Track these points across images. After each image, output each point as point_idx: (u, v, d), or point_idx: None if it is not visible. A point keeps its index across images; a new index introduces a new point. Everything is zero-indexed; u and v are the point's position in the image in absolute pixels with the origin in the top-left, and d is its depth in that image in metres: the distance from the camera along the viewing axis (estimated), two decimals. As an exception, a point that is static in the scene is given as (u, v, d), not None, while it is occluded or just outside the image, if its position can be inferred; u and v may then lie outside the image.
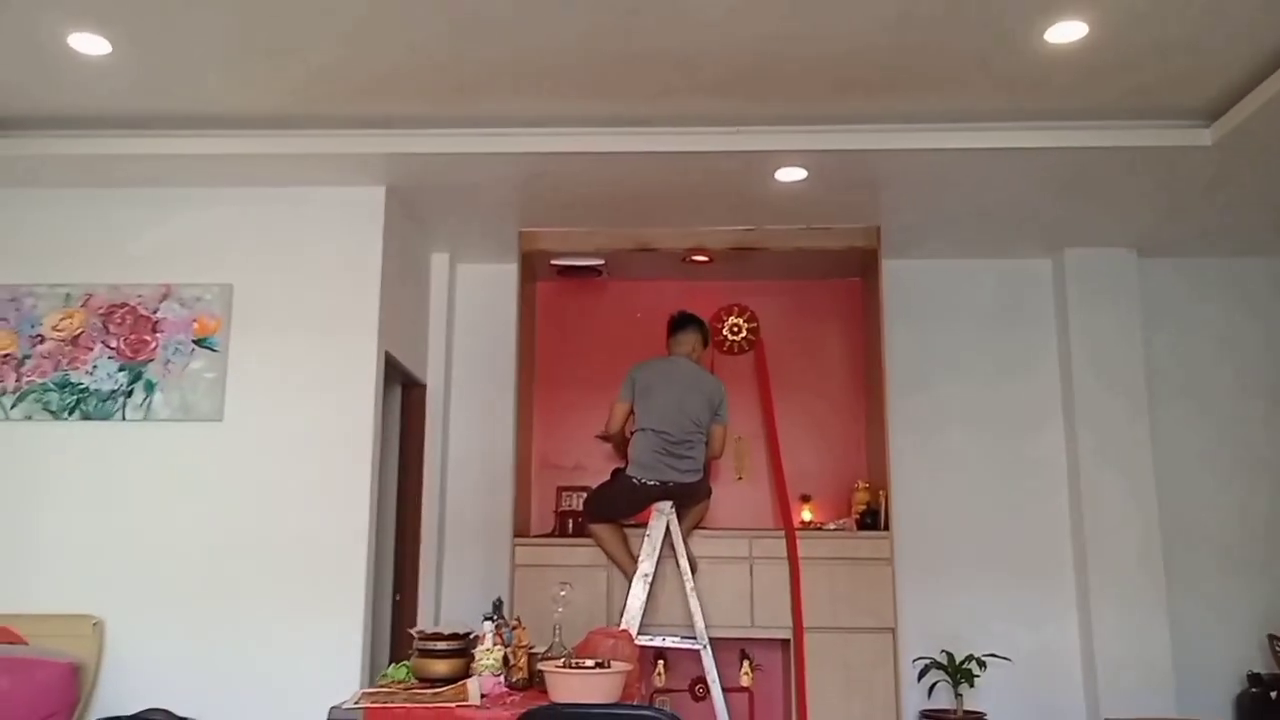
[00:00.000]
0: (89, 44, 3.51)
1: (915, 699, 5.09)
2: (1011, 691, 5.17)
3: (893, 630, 4.73)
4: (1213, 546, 5.39)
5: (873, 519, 5.02)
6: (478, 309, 5.69)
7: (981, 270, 5.68)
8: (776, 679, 5.16)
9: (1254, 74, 3.72)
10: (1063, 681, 5.24)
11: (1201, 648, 5.26)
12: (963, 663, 4.97)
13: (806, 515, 5.35)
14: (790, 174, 4.48)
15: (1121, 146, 4.17)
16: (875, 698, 4.67)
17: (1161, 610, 5.10)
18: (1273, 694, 4.97)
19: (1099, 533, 5.20)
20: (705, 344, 5.03)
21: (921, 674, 5.06)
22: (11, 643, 4.02)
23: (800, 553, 4.80)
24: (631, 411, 4.78)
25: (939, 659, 5.05)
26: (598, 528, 4.77)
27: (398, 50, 3.59)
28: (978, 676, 4.95)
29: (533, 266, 5.44)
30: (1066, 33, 3.43)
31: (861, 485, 5.20)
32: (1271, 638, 5.12)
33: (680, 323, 4.97)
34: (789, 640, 4.79)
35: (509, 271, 5.34)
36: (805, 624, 4.73)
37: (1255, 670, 5.14)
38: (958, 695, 4.96)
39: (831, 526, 5.10)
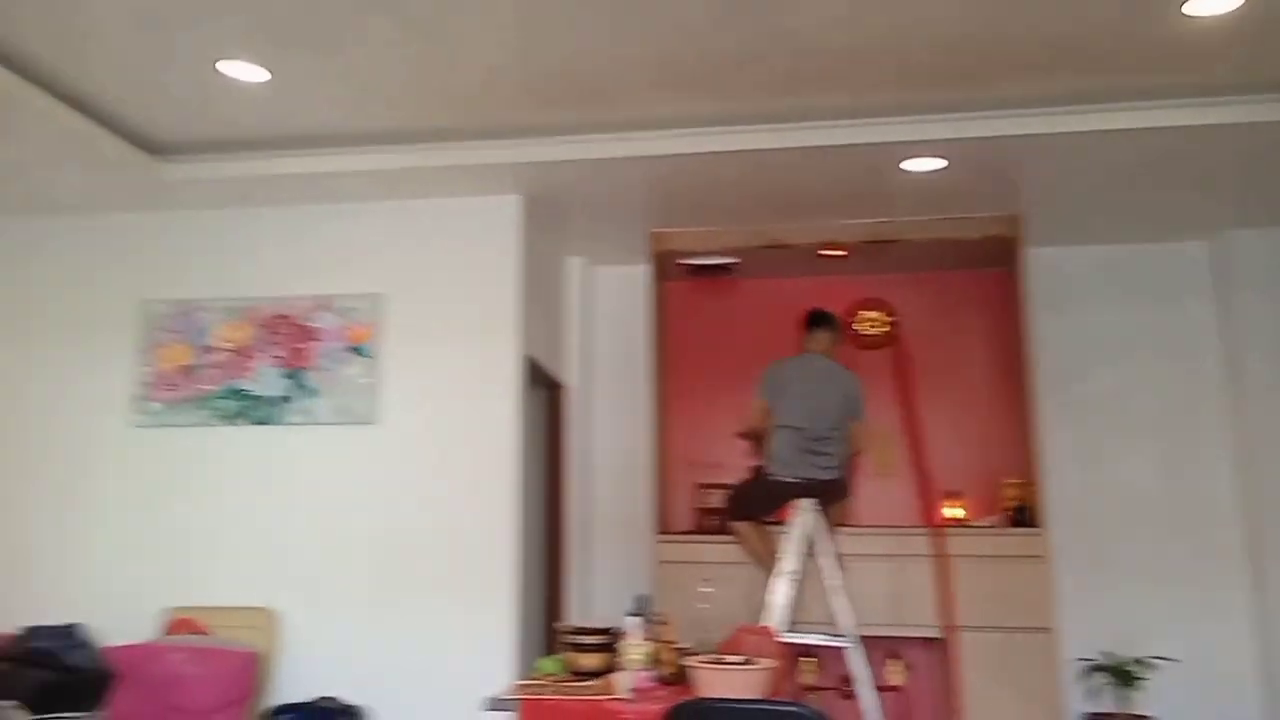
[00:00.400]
0: (248, 72, 3.73)
1: (1077, 701, 4.89)
2: (1181, 695, 4.91)
3: (1051, 630, 4.56)
4: (1405, 541, 4.99)
5: (1024, 515, 4.85)
6: (613, 310, 5.78)
7: (1132, 255, 5.44)
8: (927, 678, 5.04)
9: None
10: (1237, 685, 4.95)
11: (1396, 651, 4.88)
12: (1128, 664, 4.75)
13: (955, 512, 5.21)
14: (925, 164, 4.38)
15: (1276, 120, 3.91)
16: (1034, 699, 4.51)
17: (1348, 610, 4.76)
18: None
19: (1275, 524, 4.88)
20: (839, 340, 4.97)
21: (1083, 676, 4.86)
22: (196, 633, 4.31)
23: (949, 550, 4.68)
24: (769, 410, 4.76)
25: (1102, 660, 4.84)
26: (739, 525, 4.77)
27: (528, 59, 3.67)
28: (1144, 679, 4.73)
29: (665, 267, 5.48)
30: (1214, 4, 3.25)
31: (1011, 480, 5.04)
32: None
33: (814, 320, 4.93)
34: (939, 639, 4.68)
35: (642, 273, 5.40)
36: (958, 623, 4.61)
37: None
38: (1123, 698, 4.74)
39: (981, 523, 4.95)
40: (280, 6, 3.28)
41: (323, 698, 4.26)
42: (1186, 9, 3.28)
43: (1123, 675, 4.73)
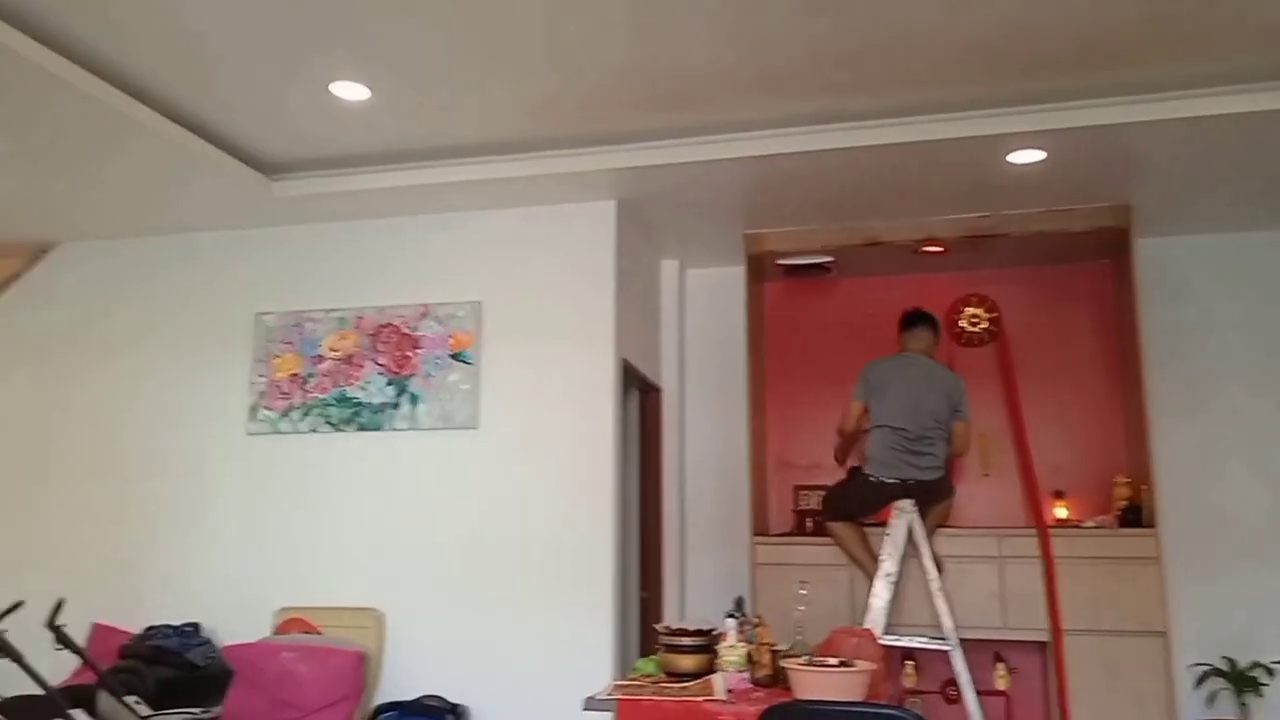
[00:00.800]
0: (350, 91, 3.88)
1: (1193, 708, 4.72)
2: (1308, 704, 4.68)
3: (1164, 634, 4.41)
4: None
5: (1135, 515, 4.70)
6: (708, 312, 5.80)
7: (1249, 243, 5.20)
8: (1034, 682, 4.92)
9: None
10: (1371, 695, 4.69)
11: None
12: (1247, 669, 4.56)
13: (1062, 512, 5.08)
14: (1026, 156, 4.28)
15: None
16: (1146, 705, 4.37)
17: None
18: None
19: None
20: (938, 339, 4.89)
21: (1199, 681, 4.69)
22: (307, 632, 4.50)
23: (1055, 551, 4.57)
24: (866, 410, 4.72)
25: (1219, 665, 4.65)
26: (836, 526, 4.75)
27: (617, 65, 3.71)
28: (1265, 685, 4.53)
29: (760, 268, 5.47)
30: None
31: (1121, 480, 4.89)
32: None
33: (912, 320, 4.87)
34: (1046, 643, 4.57)
35: (737, 274, 5.41)
36: (1064, 626, 4.49)
37: None
38: (1243, 704, 4.55)
39: (1090, 524, 4.81)
40: (384, 29, 3.41)
41: (427, 696, 4.39)
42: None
43: (1242, 681, 4.54)
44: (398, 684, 4.51)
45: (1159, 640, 4.41)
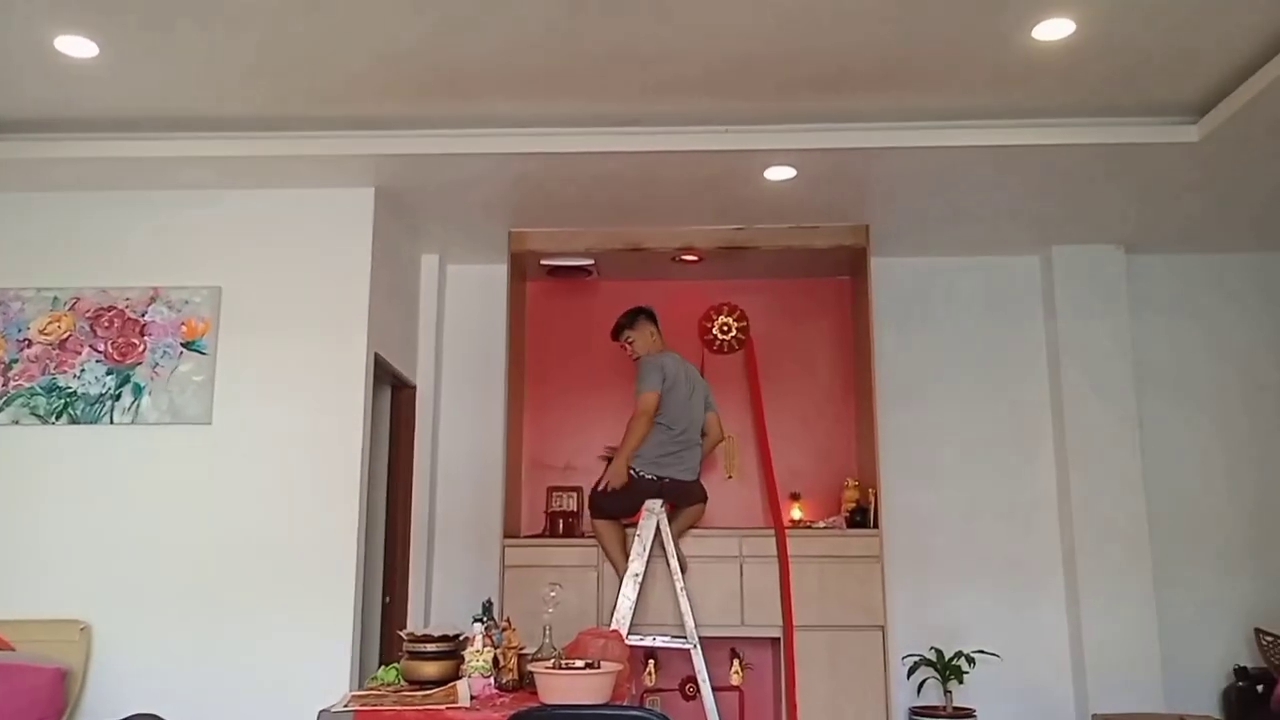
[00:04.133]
0: (76, 46, 3.50)
1: (905, 696, 5.12)
2: (1001, 688, 5.19)
3: (882, 628, 4.74)
4: (1200, 541, 5.42)
5: (862, 517, 5.03)
6: (468, 310, 5.69)
7: (970, 267, 5.70)
8: (767, 678, 5.17)
9: (1240, 70, 3.73)
10: (1052, 677, 5.26)
11: (1189, 642, 5.29)
12: (952, 659, 4.99)
13: (796, 514, 5.36)
14: (779, 173, 4.48)
15: (1109, 143, 4.18)
16: (865, 695, 4.68)
17: (1150, 605, 5.13)
18: (1259, 687, 5.00)
19: (1087, 528, 5.22)
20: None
21: (911, 671, 5.08)
22: (-1, 648, 4.02)
23: (790, 551, 4.81)
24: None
25: (928, 656, 5.06)
26: (600, 524, 4.77)
27: (385, 50, 3.58)
28: (967, 673, 4.98)
29: (523, 267, 5.43)
30: (1054, 30, 3.44)
31: (851, 483, 5.21)
32: (1258, 631, 5.15)
33: (649, 315, 4.93)
34: (779, 639, 4.80)
35: (499, 272, 5.34)
36: (795, 622, 4.74)
37: (1242, 664, 5.17)
38: (947, 692, 4.98)
39: (821, 525, 5.10)
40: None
41: (137, 716, 4.00)
42: (1036, 33, 3.46)
43: (947, 670, 4.96)
44: (106, 703, 4.11)
45: (878, 634, 4.74)
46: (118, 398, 4.38)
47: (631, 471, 4.64)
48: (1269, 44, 3.54)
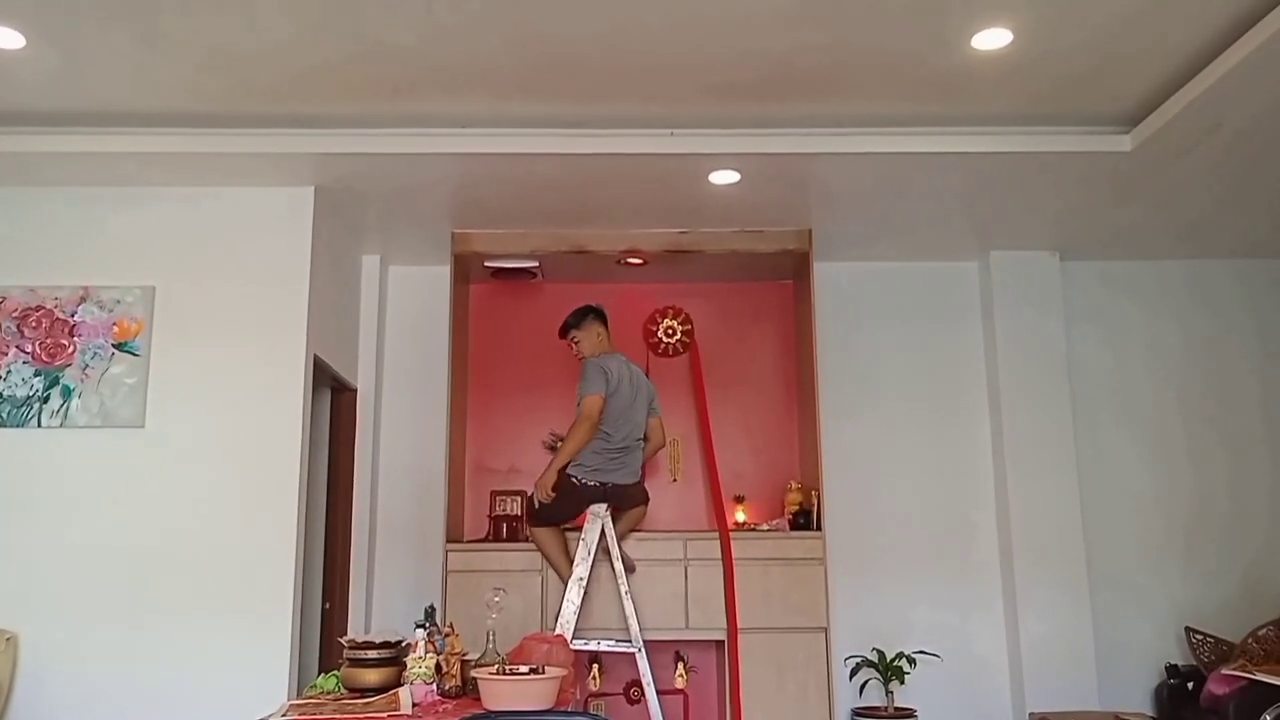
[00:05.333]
0: (1, 37, 3.38)
1: (847, 697, 5.16)
2: (941, 687, 5.26)
3: (825, 630, 4.78)
4: (1133, 542, 5.55)
5: (805, 519, 5.06)
6: (410, 311, 5.62)
7: (910, 272, 5.77)
8: (711, 680, 5.18)
9: (1172, 81, 3.83)
10: (990, 677, 5.34)
11: (1122, 641, 5.41)
12: (893, 660, 5.04)
13: (740, 516, 5.38)
14: (724, 177, 4.50)
15: (1045, 151, 4.27)
16: (808, 697, 4.71)
17: (1084, 605, 5.24)
18: (1190, 684, 5.13)
19: (1024, 530, 5.32)
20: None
21: (854, 672, 5.12)
22: (-82, 660, 3.87)
23: (734, 554, 4.83)
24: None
25: (870, 657, 5.11)
26: (539, 531, 4.73)
27: (326, 48, 3.52)
28: (908, 673, 5.03)
29: (466, 268, 5.39)
30: (992, 40, 3.50)
31: (794, 486, 5.25)
32: (1189, 630, 5.29)
33: (598, 314, 4.86)
34: (723, 641, 4.81)
35: (442, 273, 5.29)
36: (740, 625, 4.75)
37: (1173, 662, 5.30)
38: (889, 692, 5.03)
39: (765, 527, 5.13)
40: (38, -31, 3.01)
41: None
42: (974, 42, 3.51)
43: (889, 671, 5.02)
44: (33, 715, 3.99)
45: (821, 635, 4.78)
46: (46, 400, 4.25)
47: (572, 479, 4.60)
48: (1199, 56, 3.64)
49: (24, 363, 4.28)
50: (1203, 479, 5.63)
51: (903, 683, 5.02)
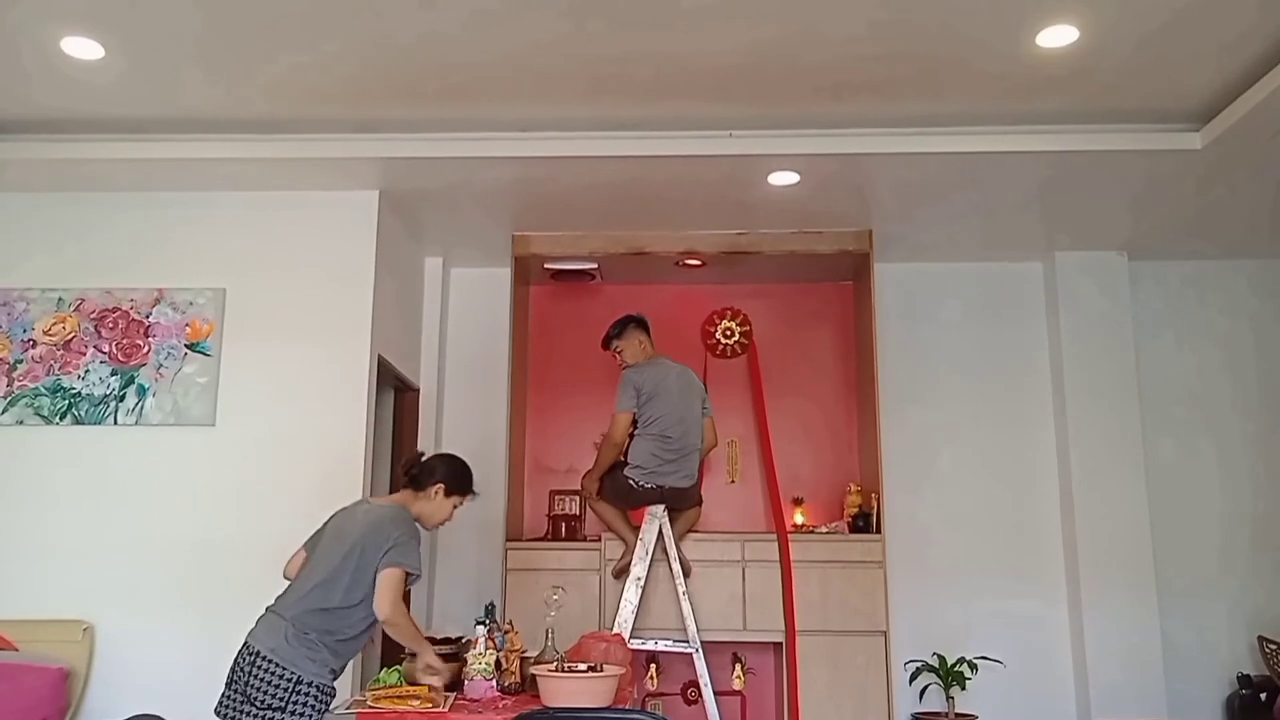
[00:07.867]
0: (82, 48, 3.51)
1: (907, 702, 5.10)
2: (1003, 694, 5.18)
3: (885, 633, 4.74)
4: (1202, 549, 5.41)
5: (865, 522, 5.03)
6: (471, 313, 5.70)
7: (973, 273, 5.70)
8: (769, 682, 5.16)
9: (1243, 78, 3.74)
10: (1054, 684, 5.25)
11: (1192, 650, 5.28)
12: (954, 665, 4.98)
13: (799, 518, 5.36)
14: (783, 178, 4.49)
15: (1112, 150, 4.19)
16: (867, 701, 4.68)
17: (1153, 612, 5.12)
18: (1262, 695, 5.00)
19: (1090, 535, 5.22)
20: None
21: (913, 677, 5.07)
22: (1, 649, 4.01)
23: (792, 556, 4.81)
24: (635, 420, 4.66)
25: (930, 662, 5.06)
26: (601, 505, 4.77)
27: (390, 54, 3.59)
28: (969, 679, 4.97)
29: (526, 270, 5.44)
30: (1057, 37, 3.45)
31: (854, 488, 5.21)
32: (1261, 639, 5.14)
33: (639, 323, 4.87)
34: (781, 643, 4.79)
35: (502, 275, 5.35)
36: (798, 627, 4.73)
37: (1245, 672, 5.16)
38: (949, 698, 4.97)
39: (824, 529, 5.10)
40: (117, -17, 3.11)
41: (140, 716, 4.01)
42: (1040, 40, 3.46)
43: (949, 676, 4.96)
44: (108, 703, 4.10)
45: (880, 639, 4.74)
46: (122, 399, 4.39)
47: (629, 481, 4.63)
48: (1271, 52, 3.54)
49: (101, 362, 4.42)
50: (1275, 484, 5.47)
51: (964, 688, 4.96)
